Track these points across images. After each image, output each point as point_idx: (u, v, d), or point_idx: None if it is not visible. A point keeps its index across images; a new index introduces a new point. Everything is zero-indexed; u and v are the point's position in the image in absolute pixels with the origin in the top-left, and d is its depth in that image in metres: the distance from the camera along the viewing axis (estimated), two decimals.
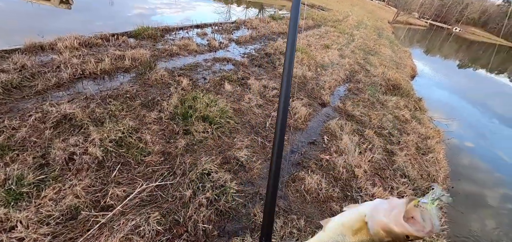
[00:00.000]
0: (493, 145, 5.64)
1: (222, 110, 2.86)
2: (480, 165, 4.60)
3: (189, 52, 4.55)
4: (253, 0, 16.61)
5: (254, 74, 4.25)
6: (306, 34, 8.10)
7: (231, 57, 4.78)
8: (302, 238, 1.90)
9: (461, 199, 3.49)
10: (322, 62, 5.72)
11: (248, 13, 11.58)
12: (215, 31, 6.17)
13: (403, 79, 6.50)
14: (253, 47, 5.76)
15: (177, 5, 9.63)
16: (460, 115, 6.65)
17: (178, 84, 3.33)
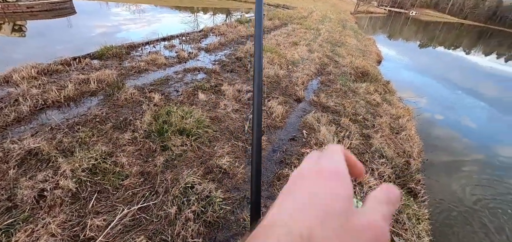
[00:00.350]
0: (459, 114, 6.12)
1: (198, 121, 2.84)
2: (450, 134, 4.96)
3: (158, 67, 4.46)
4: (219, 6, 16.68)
5: (227, 80, 4.26)
6: (274, 34, 8.27)
7: (202, 66, 4.75)
8: None
9: (435, 168, 3.74)
10: (293, 59, 5.87)
11: (216, 19, 11.59)
12: (183, 41, 6.10)
13: (371, 65, 6.85)
14: (223, 53, 5.78)
15: (142, 19, 9.41)
16: (426, 92, 7.13)
17: (150, 100, 3.26)
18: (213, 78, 4.23)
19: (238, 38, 7.27)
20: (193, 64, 4.81)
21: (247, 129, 3.07)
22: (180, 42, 6.00)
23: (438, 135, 4.80)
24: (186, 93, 3.61)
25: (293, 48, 6.82)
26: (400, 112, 4.41)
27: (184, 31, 6.82)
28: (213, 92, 3.81)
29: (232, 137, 2.90)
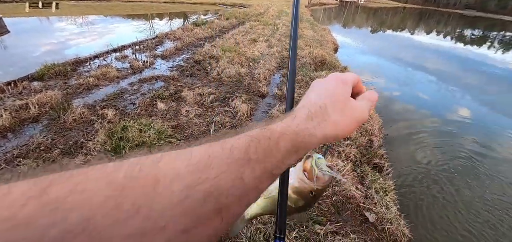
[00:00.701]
0: (413, 88, 6.66)
1: (159, 132, 2.70)
2: (406, 107, 5.36)
3: (110, 80, 4.16)
4: (175, 10, 16.15)
5: (187, 85, 4.12)
6: (232, 33, 8.23)
7: (159, 74, 4.54)
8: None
9: (396, 140, 4.01)
10: (253, 56, 5.89)
11: (173, 24, 11.17)
12: (137, 51, 5.78)
13: (328, 54, 7.15)
14: (181, 58, 5.59)
15: (92, 32, 8.72)
16: (382, 72, 7.65)
17: (103, 118, 3.01)
18: (172, 85, 4.07)
19: (195, 41, 7.10)
20: (149, 73, 4.57)
21: (212, 131, 2.99)
22: (133, 52, 5.67)
23: (396, 110, 5.16)
24: (143, 104, 3.41)
25: (253, 45, 6.85)
26: None
27: (137, 39, 6.46)
28: (173, 99, 3.65)
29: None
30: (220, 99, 3.80)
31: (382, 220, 2.26)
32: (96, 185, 0.22)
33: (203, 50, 5.83)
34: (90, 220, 0.20)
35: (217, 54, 5.55)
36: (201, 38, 7.57)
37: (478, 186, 3.25)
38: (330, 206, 2.30)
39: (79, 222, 0.20)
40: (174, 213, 0.23)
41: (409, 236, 2.27)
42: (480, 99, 6.37)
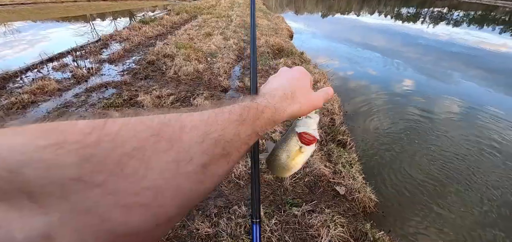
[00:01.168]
0: (364, 66, 7.17)
1: None
2: (360, 84, 5.76)
3: (50, 94, 3.71)
4: (119, 9, 14.90)
5: (142, 89, 3.88)
6: (185, 29, 7.93)
7: (108, 80, 4.19)
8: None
9: (355, 115, 4.31)
10: (210, 51, 5.76)
11: (118, 24, 10.29)
12: (78, 57, 5.24)
13: (284, 41, 7.32)
14: (132, 60, 5.22)
15: (21, 41, 7.59)
16: (335, 54, 8.09)
17: None
18: (125, 91, 3.79)
19: (145, 41, 6.68)
20: (96, 81, 4.19)
21: None
22: (74, 59, 5.13)
23: (351, 87, 5.51)
24: (94, 116, 3.11)
25: (208, 39, 6.69)
26: (317, 78, 4.88)
27: (76, 45, 5.85)
28: (129, 106, 3.41)
29: None
30: (181, 99, 3.65)
31: (351, 191, 2.43)
32: (139, 126, 0.27)
33: (156, 49, 5.52)
34: (140, 149, 0.25)
35: (171, 52, 5.30)
36: (151, 36, 7.15)
37: (424, 142, 3.71)
38: (304, 187, 2.40)
39: (133, 149, 0.25)
40: (196, 150, 0.30)
41: (375, 200, 2.48)
42: (419, 69, 7.14)
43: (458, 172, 3.16)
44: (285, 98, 0.45)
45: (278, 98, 0.44)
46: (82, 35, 7.86)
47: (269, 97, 0.44)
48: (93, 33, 8.35)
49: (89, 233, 0.22)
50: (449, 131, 4.02)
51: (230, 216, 2.02)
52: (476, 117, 4.59)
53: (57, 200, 0.21)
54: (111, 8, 15.06)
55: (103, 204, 0.23)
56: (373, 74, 6.57)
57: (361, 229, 2.05)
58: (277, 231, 1.96)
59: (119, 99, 3.50)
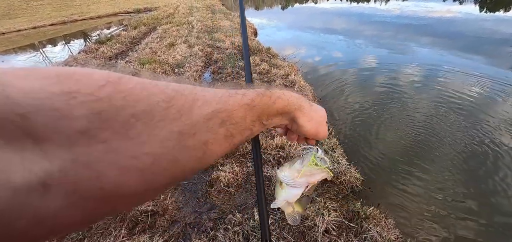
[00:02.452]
0: (330, 50, 7.43)
1: None
2: (328, 68, 5.95)
3: None
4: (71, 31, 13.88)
5: None
6: (146, 43, 7.65)
7: None
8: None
9: (328, 98, 4.47)
10: (176, 62, 5.63)
11: (72, 48, 9.59)
12: None
13: (250, 39, 7.35)
14: None
15: None
16: (301, 43, 8.27)
17: None
18: None
19: (105, 63, 6.34)
20: None
21: None
22: None
23: (321, 73, 5.69)
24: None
25: (172, 50, 6.52)
26: (288, 71, 4.98)
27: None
28: None
29: None
30: None
31: (338, 175, 2.53)
32: (153, 89, 0.28)
33: (118, 68, 5.26)
34: (149, 113, 0.26)
35: (135, 69, 5.09)
36: (111, 57, 6.80)
37: (395, 111, 4.00)
38: None
39: (142, 111, 0.25)
40: (202, 126, 0.31)
41: (361, 178, 2.60)
42: (380, 45, 7.58)
43: (429, 132, 3.45)
44: (302, 98, 0.48)
45: (295, 95, 0.47)
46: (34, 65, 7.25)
47: (287, 90, 0.46)
48: (45, 62, 7.76)
49: (83, 187, 0.22)
50: (415, 96, 4.36)
51: (226, 226, 2.02)
52: (435, 78, 5.01)
53: (61, 149, 0.21)
54: (61, 32, 14.02)
55: (103, 161, 0.23)
56: (339, 57, 6.84)
57: (353, 209, 2.16)
58: (275, 230, 1.99)
59: None
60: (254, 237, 1.94)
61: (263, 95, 0.40)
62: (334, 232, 1.97)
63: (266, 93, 0.41)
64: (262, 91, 0.41)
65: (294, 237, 1.95)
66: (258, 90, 0.40)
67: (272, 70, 5.02)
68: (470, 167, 2.90)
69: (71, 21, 16.56)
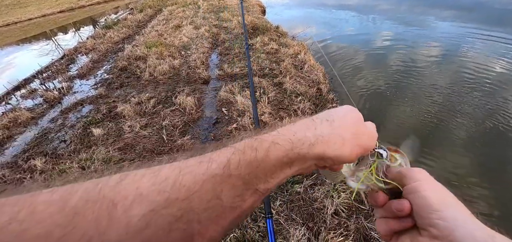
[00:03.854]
0: (341, 28, 7.16)
1: (105, 161, 2.44)
2: (339, 46, 5.77)
3: (25, 125, 3.54)
4: (80, 18, 13.98)
5: (120, 99, 3.75)
6: (152, 25, 7.61)
7: (82, 97, 4.02)
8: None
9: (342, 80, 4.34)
10: (182, 44, 5.59)
11: (81, 35, 9.68)
12: (45, 79, 4.97)
13: (257, 18, 7.18)
14: (103, 71, 5.01)
15: None
16: (310, 21, 8.01)
17: (32, 172, 2.59)
18: (103, 104, 3.65)
19: (113, 47, 6.38)
20: (70, 100, 4.01)
21: (165, 138, 2.83)
22: (42, 82, 4.87)
23: (332, 51, 5.52)
24: (76, 138, 3.01)
25: (178, 32, 6.47)
26: (297, 50, 4.85)
27: (40, 67, 5.53)
28: (109, 119, 3.31)
29: (154, 154, 2.64)
30: (162, 101, 3.57)
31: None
32: (44, 210, 0.20)
33: (125, 53, 5.30)
34: None
35: (142, 54, 5.10)
36: (118, 41, 6.83)
37: (412, 89, 3.88)
38: None
39: None
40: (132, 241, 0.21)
41: None
42: (397, 20, 7.22)
43: (447, 114, 3.31)
44: (314, 126, 0.31)
45: (299, 126, 0.31)
46: (47, 54, 7.41)
47: (286, 126, 0.31)
48: (58, 49, 7.86)
49: None
50: (433, 75, 4.19)
51: None
52: (455, 55, 4.76)
53: None
54: (70, 18, 14.16)
55: None
56: (352, 34, 6.60)
57: None
58: (283, 211, 2.01)
59: (98, 115, 3.38)
60: (262, 217, 1.97)
61: (245, 149, 0.27)
62: (343, 213, 1.96)
63: (251, 144, 0.28)
64: (243, 143, 0.28)
65: (302, 218, 1.97)
66: (237, 143, 0.28)
67: (280, 49, 4.91)
68: (490, 152, 2.78)
69: (78, 7, 16.65)
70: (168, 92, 3.75)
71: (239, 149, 0.27)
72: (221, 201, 0.25)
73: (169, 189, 0.23)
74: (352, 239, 1.86)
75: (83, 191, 0.22)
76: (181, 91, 3.70)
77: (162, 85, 4.04)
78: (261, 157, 0.27)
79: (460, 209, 0.30)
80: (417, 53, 5.01)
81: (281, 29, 6.34)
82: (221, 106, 3.30)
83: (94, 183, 0.23)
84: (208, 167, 0.25)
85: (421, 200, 0.31)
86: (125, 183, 0.24)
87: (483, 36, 5.44)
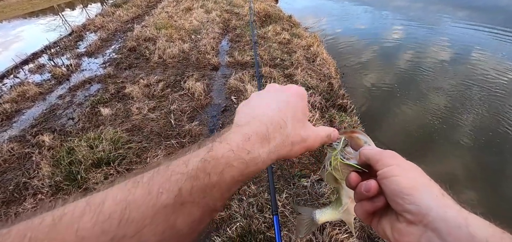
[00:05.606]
0: (352, 22, 7.04)
1: (113, 141, 2.47)
2: (350, 40, 5.68)
3: (33, 99, 3.57)
4: None
5: (128, 80, 3.76)
6: (162, 6, 7.53)
7: (91, 75, 4.03)
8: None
9: (350, 73, 4.31)
10: (193, 28, 5.54)
11: (89, 12, 9.66)
12: (54, 55, 4.99)
13: (270, 6, 7.06)
14: (111, 50, 5.00)
15: None
16: (322, 12, 7.87)
17: (40, 147, 2.63)
18: (111, 84, 3.66)
19: (122, 26, 6.35)
20: (78, 78, 4.02)
21: (173, 122, 2.84)
22: (50, 58, 4.89)
23: (343, 45, 5.44)
24: (84, 116, 3.04)
25: (188, 14, 6.40)
26: (310, 41, 4.78)
27: (49, 42, 5.54)
28: (118, 99, 3.32)
29: (161, 138, 2.65)
30: (171, 85, 3.57)
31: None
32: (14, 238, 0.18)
33: (135, 34, 5.27)
34: None
35: (152, 35, 5.08)
36: (127, 20, 6.80)
37: (420, 90, 3.81)
38: (310, 157, 2.44)
39: None
40: None
41: None
42: (409, 16, 7.05)
43: (450, 119, 3.27)
44: (268, 140, 0.32)
45: (254, 142, 0.30)
46: (54, 30, 7.42)
47: (238, 141, 0.30)
48: (65, 25, 7.87)
49: None
50: (442, 77, 4.11)
51: (241, 197, 2.07)
52: (466, 59, 4.65)
53: None
54: None
55: None
56: (362, 29, 6.48)
57: None
58: (289, 204, 2.02)
59: (107, 94, 3.40)
60: (268, 209, 1.98)
61: (198, 174, 0.26)
62: None
63: (204, 168, 0.26)
64: (194, 169, 0.26)
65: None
66: (187, 169, 0.26)
67: (293, 40, 4.84)
68: (487, 160, 2.75)
69: None
70: (177, 76, 3.75)
71: (191, 174, 0.26)
72: (176, 229, 0.24)
73: (115, 228, 0.21)
74: (356, 237, 1.87)
75: (18, 228, 0.20)
76: (190, 76, 3.69)
77: (171, 68, 4.03)
78: (216, 180, 0.27)
79: (433, 190, 0.30)
80: (426, 51, 4.96)
81: (293, 19, 6.24)
82: (231, 94, 3.29)
83: (22, 231, 0.20)
84: (157, 199, 0.23)
85: (394, 185, 0.32)
86: (61, 226, 0.21)
87: (498, 38, 5.31)
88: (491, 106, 3.36)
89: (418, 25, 6.45)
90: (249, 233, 1.78)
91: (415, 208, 0.29)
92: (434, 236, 0.27)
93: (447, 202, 0.29)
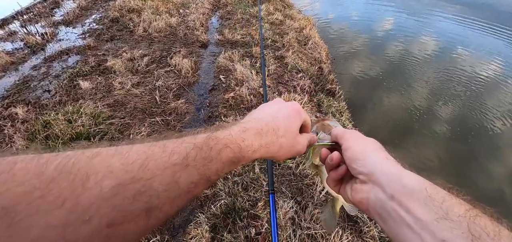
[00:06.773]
0: (347, 8, 7.02)
1: (94, 116, 2.41)
2: (342, 27, 5.69)
3: (3, 69, 3.40)
4: None
5: (110, 52, 3.63)
6: None
7: (68, 45, 3.86)
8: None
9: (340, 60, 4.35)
10: (181, 1, 5.37)
11: None
12: (26, 21, 4.72)
13: None
14: (91, 19, 4.78)
15: None
16: None
17: (12, 120, 2.52)
18: (91, 56, 3.53)
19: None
20: (55, 48, 3.84)
21: (158, 99, 2.80)
22: (22, 24, 4.62)
23: (334, 31, 5.45)
24: (61, 89, 2.93)
25: None
26: (302, 24, 4.75)
27: (21, 7, 5.22)
28: (98, 73, 3.22)
29: (145, 115, 2.61)
30: (156, 60, 3.48)
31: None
32: (23, 175, 0.23)
33: (117, 3, 5.05)
34: (9, 209, 0.21)
35: (136, 6, 4.88)
36: None
37: (407, 80, 3.94)
38: None
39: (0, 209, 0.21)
40: (100, 207, 0.25)
41: None
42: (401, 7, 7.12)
43: (433, 107, 3.42)
44: (260, 135, 0.40)
45: (249, 134, 0.39)
46: None
47: (237, 130, 0.38)
48: None
49: None
50: (427, 68, 4.25)
51: (226, 176, 2.10)
52: (451, 53, 4.80)
53: None
54: None
55: None
56: (356, 17, 6.48)
57: None
58: (274, 183, 2.07)
59: (86, 67, 3.28)
60: (253, 188, 2.03)
61: (202, 146, 0.33)
62: None
63: (207, 143, 0.34)
64: (201, 140, 0.34)
65: (291, 192, 2.04)
66: (196, 139, 0.34)
67: (285, 21, 4.80)
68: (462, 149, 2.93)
69: None
70: (163, 52, 3.66)
71: (197, 145, 0.33)
72: (178, 185, 0.31)
73: (136, 171, 0.28)
74: None
75: (58, 163, 0.25)
76: (177, 52, 3.61)
77: (157, 43, 3.92)
78: (214, 155, 0.34)
79: (379, 155, 0.40)
80: (414, 45, 5.05)
81: (287, 0, 6.15)
82: (219, 73, 3.25)
83: (68, 157, 0.26)
84: (170, 156, 0.31)
85: (349, 153, 0.42)
86: (97, 160, 0.27)
87: (483, 39, 5.50)
88: (469, 99, 3.57)
89: (409, 17, 6.54)
90: (233, 210, 1.82)
91: (365, 169, 0.39)
92: (379, 190, 0.36)
93: (389, 163, 0.38)
